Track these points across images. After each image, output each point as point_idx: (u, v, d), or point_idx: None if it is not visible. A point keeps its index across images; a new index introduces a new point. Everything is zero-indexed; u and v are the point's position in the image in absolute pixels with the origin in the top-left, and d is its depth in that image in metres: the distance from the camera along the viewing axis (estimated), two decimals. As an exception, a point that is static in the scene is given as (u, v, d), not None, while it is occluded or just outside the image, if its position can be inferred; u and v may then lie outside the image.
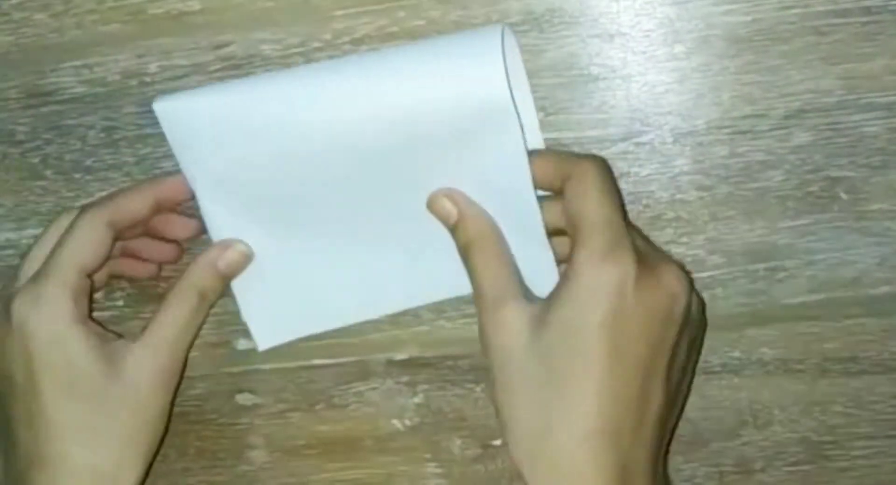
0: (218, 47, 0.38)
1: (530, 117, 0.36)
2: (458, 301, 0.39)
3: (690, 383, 0.36)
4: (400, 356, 0.40)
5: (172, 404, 0.37)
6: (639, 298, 0.31)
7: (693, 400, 0.38)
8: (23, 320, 0.34)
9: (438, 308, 0.39)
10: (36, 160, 0.40)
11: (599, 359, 0.31)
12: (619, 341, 0.31)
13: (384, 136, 0.34)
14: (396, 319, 0.39)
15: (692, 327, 0.34)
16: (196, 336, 0.38)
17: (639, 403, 0.32)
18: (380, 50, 0.36)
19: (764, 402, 0.39)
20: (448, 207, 0.35)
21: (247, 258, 0.37)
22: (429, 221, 0.36)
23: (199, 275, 0.37)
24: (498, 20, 0.36)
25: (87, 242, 0.35)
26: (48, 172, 0.40)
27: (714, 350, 0.38)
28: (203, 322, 0.38)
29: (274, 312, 0.39)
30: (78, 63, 0.39)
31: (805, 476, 0.39)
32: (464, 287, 0.35)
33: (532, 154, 0.34)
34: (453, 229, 0.35)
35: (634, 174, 0.37)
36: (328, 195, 0.36)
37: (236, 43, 0.37)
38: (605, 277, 0.31)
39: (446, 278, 0.37)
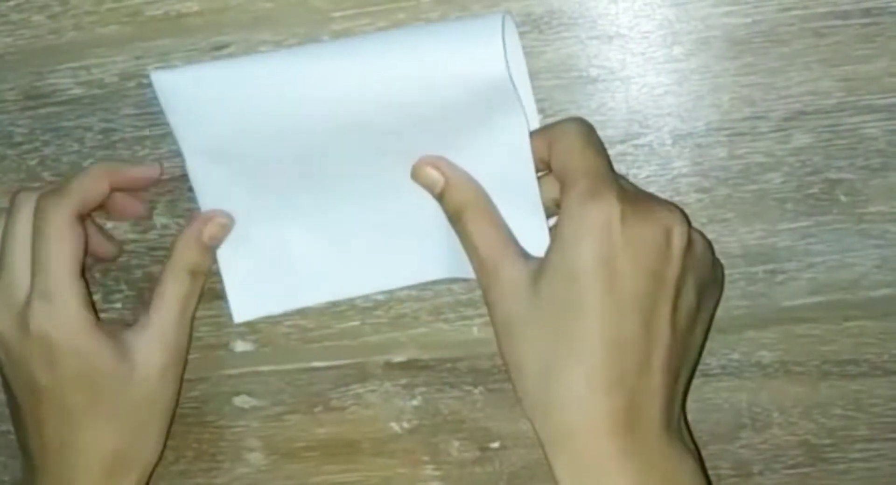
0: (216, 48, 0.38)
1: (530, 107, 0.36)
2: (456, 304, 0.39)
3: (707, 332, 0.35)
4: (398, 358, 0.40)
5: (182, 378, 0.39)
6: (628, 235, 0.31)
7: (691, 402, 0.37)
8: (44, 335, 0.36)
9: (437, 310, 0.39)
10: (34, 162, 0.40)
11: (594, 298, 0.31)
12: (612, 279, 0.31)
13: (379, 114, 0.34)
14: (395, 321, 0.39)
15: (698, 266, 0.33)
16: (196, 309, 0.39)
17: (642, 343, 0.31)
18: (380, 31, 0.36)
19: (763, 404, 0.39)
20: (434, 175, 0.35)
21: (229, 228, 0.38)
22: (417, 202, 0.36)
23: (185, 253, 0.38)
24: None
25: (72, 245, 0.36)
26: (46, 174, 0.40)
27: (713, 352, 0.38)
28: (201, 295, 0.39)
29: (255, 284, 0.39)
30: (76, 65, 0.38)
31: (803, 479, 0.39)
32: (449, 270, 0.36)
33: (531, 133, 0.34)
34: (440, 197, 0.35)
35: (633, 176, 0.37)
36: (319, 171, 0.36)
37: (235, 44, 0.37)
38: (590, 215, 0.31)
39: (432, 260, 0.37)
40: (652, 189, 0.37)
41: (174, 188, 0.39)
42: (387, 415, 0.40)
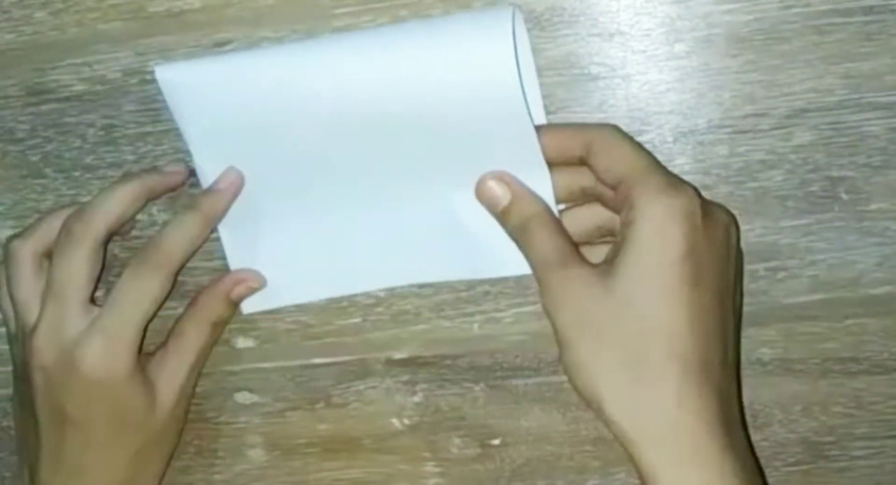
0: (218, 45, 0.38)
1: (537, 102, 0.36)
2: (457, 301, 0.39)
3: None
4: (399, 355, 0.40)
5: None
6: (706, 228, 0.31)
7: None
8: (90, 372, 0.36)
9: (438, 307, 0.39)
10: (36, 158, 0.40)
11: (682, 292, 0.31)
12: (697, 272, 0.31)
13: (385, 109, 0.34)
14: (396, 318, 0.39)
15: (740, 259, 0.35)
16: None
17: (720, 334, 0.32)
18: (389, 25, 0.36)
19: (764, 402, 0.38)
20: (499, 191, 0.35)
21: (257, 291, 0.39)
22: (422, 200, 0.36)
23: (213, 306, 0.38)
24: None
25: (145, 293, 0.36)
26: (48, 170, 0.40)
27: None
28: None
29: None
30: (78, 61, 0.39)
31: (804, 476, 0.39)
32: (453, 270, 0.36)
33: (545, 128, 0.35)
34: (505, 211, 0.35)
35: None
36: (325, 165, 0.37)
37: (237, 40, 0.37)
38: (674, 208, 0.31)
39: (437, 260, 0.37)
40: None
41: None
42: (388, 412, 0.40)
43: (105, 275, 0.38)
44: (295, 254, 0.38)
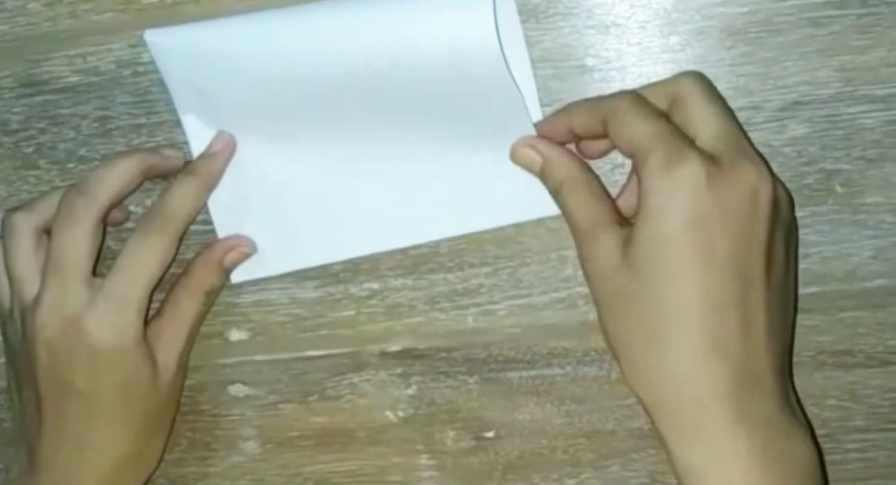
0: None
1: (531, 92, 0.36)
2: (451, 293, 0.39)
3: (796, 291, 0.35)
4: (394, 348, 0.40)
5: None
6: (716, 198, 0.31)
7: None
8: (98, 341, 0.36)
9: (432, 299, 0.39)
10: (30, 150, 0.40)
11: (689, 265, 0.31)
12: (705, 244, 0.31)
13: (374, 73, 0.35)
14: (390, 310, 0.39)
15: (785, 224, 0.33)
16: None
17: (741, 306, 0.31)
18: None
19: None
20: (531, 154, 0.36)
21: (250, 256, 0.39)
22: (416, 159, 0.37)
23: (205, 274, 0.39)
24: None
25: (150, 258, 0.36)
26: (42, 162, 0.40)
27: None
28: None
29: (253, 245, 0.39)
30: (72, 52, 0.39)
31: None
32: (446, 229, 0.37)
33: (568, 107, 0.35)
34: (541, 175, 0.36)
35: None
36: (313, 129, 0.37)
37: None
38: (674, 182, 0.31)
39: (429, 221, 0.38)
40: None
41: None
42: (382, 404, 0.40)
43: (98, 267, 0.38)
44: (285, 220, 0.39)
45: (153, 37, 0.36)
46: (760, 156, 0.33)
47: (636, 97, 0.34)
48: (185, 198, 0.37)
